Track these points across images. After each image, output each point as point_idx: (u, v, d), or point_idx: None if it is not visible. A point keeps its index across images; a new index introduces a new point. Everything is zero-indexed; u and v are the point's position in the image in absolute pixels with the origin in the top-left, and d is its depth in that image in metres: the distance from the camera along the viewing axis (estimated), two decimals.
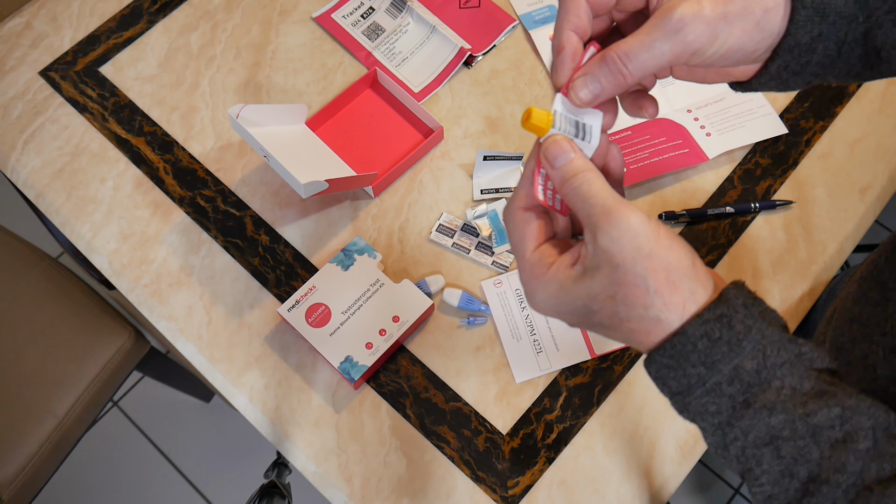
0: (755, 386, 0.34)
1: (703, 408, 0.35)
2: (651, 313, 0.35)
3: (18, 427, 0.92)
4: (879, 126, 0.77)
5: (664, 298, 0.34)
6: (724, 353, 0.34)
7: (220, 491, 1.41)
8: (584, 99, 0.37)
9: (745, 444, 0.35)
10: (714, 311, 0.34)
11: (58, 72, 0.79)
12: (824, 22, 0.37)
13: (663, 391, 0.37)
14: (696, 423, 0.37)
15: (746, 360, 0.34)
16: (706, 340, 0.34)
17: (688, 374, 0.35)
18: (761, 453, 0.34)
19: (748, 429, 0.34)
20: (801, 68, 0.39)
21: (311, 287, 0.66)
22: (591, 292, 0.36)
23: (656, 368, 0.36)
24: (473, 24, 0.82)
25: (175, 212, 0.73)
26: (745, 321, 0.34)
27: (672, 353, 0.35)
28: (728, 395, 0.35)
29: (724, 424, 0.35)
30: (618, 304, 0.35)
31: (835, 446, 0.33)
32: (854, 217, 0.73)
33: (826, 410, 0.34)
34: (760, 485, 0.35)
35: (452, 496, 0.62)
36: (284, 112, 0.70)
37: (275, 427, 0.65)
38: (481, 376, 0.66)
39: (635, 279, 0.34)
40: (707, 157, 0.73)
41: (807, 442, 0.33)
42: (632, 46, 0.36)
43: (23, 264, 0.99)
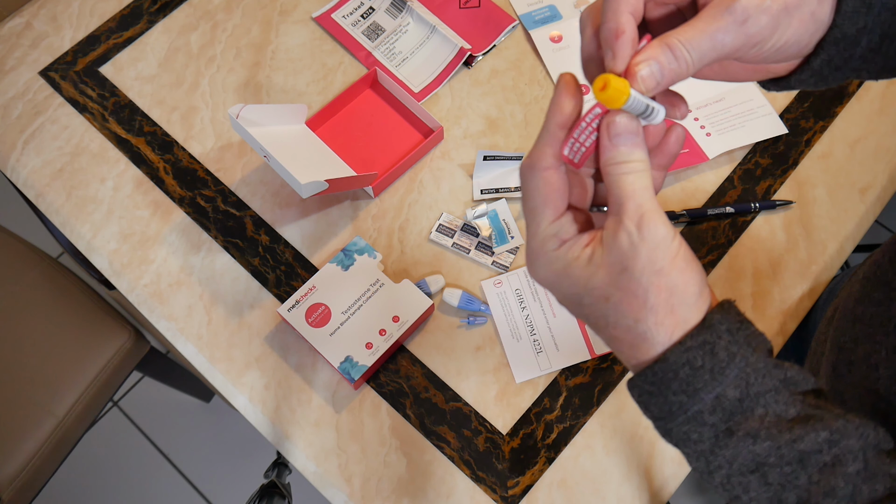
0: (738, 414, 0.33)
1: (685, 435, 0.35)
2: (640, 328, 0.34)
3: (18, 427, 0.92)
4: (879, 126, 0.77)
5: (657, 317, 0.34)
6: (707, 381, 0.33)
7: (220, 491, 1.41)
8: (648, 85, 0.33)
9: (731, 472, 0.34)
10: (697, 337, 0.33)
11: (58, 72, 0.79)
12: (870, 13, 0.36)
13: (646, 414, 0.36)
14: (679, 449, 0.36)
15: (729, 389, 0.33)
16: (688, 368, 0.33)
17: (669, 402, 0.34)
18: (748, 480, 0.34)
19: (732, 457, 0.34)
20: (843, 63, 0.37)
21: (311, 287, 0.66)
22: (588, 284, 0.35)
23: (638, 392, 0.36)
24: (473, 24, 0.82)
25: (175, 212, 0.73)
26: (729, 348, 0.34)
27: (653, 379, 0.34)
28: (710, 423, 0.34)
29: (707, 453, 0.34)
30: (609, 308, 0.34)
31: (823, 470, 0.33)
32: (854, 217, 0.73)
33: (813, 435, 0.33)
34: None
35: (452, 496, 0.62)
36: (284, 112, 0.70)
37: (275, 427, 0.65)
38: (481, 376, 0.66)
39: (637, 289, 0.33)
40: (707, 157, 0.73)
41: (794, 468, 0.33)
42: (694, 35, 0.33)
43: (23, 264, 0.99)
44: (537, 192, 0.36)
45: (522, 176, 0.37)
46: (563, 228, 0.36)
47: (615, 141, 0.34)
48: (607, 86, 0.33)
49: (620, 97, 0.33)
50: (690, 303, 0.34)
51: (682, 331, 0.34)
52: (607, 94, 0.33)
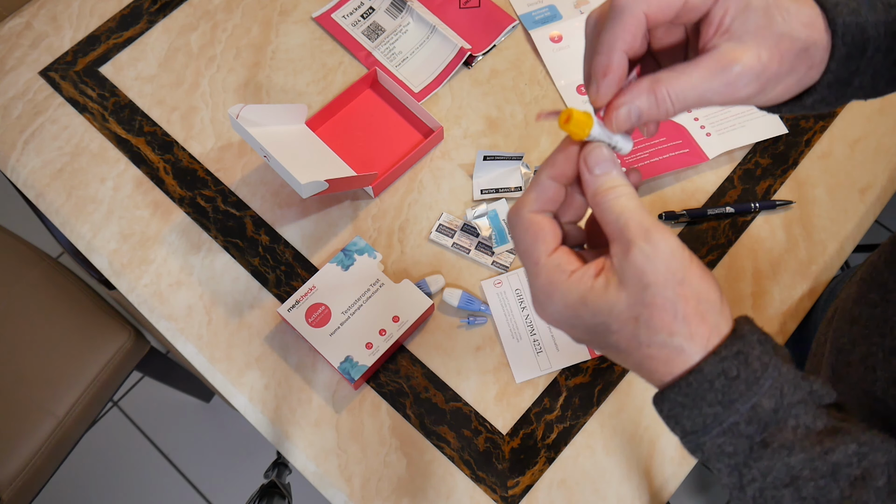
0: (772, 425, 0.33)
1: (720, 448, 0.34)
2: (675, 341, 0.33)
3: (18, 427, 0.92)
4: (879, 126, 0.77)
5: (691, 328, 0.33)
6: (742, 391, 0.33)
7: (220, 491, 1.41)
8: (622, 126, 0.35)
9: (764, 486, 0.34)
10: (731, 347, 0.33)
11: (58, 72, 0.79)
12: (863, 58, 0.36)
13: (675, 430, 0.36)
14: (709, 464, 0.36)
15: (765, 399, 0.33)
16: (723, 379, 0.33)
17: (704, 414, 0.34)
18: (781, 494, 0.33)
19: (767, 470, 0.33)
20: (835, 100, 0.38)
21: (311, 287, 0.66)
22: (614, 309, 0.34)
23: (669, 406, 0.35)
24: (473, 24, 0.82)
25: (175, 212, 0.73)
26: (762, 358, 0.33)
27: (687, 391, 0.33)
28: (746, 435, 0.33)
29: (741, 465, 0.34)
30: (640, 327, 0.33)
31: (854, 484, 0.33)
32: (854, 217, 0.73)
33: (843, 448, 0.33)
34: None
35: (452, 496, 0.62)
36: (284, 112, 0.70)
37: (275, 427, 0.65)
38: (481, 376, 0.66)
39: (664, 303, 0.33)
40: (707, 157, 0.73)
41: (827, 481, 0.33)
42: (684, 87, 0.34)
43: (23, 264, 0.99)
44: (526, 234, 0.37)
45: (510, 223, 0.38)
46: (563, 259, 0.36)
47: (595, 171, 0.35)
48: (570, 119, 0.35)
49: (583, 131, 0.35)
50: (717, 309, 0.34)
51: (717, 338, 0.34)
52: (569, 127, 0.35)
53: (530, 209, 0.37)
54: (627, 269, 0.33)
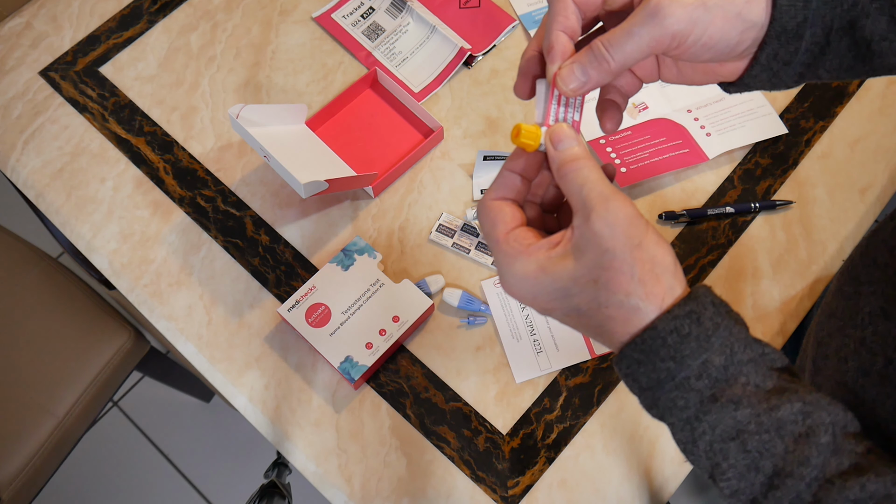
0: (722, 381, 0.35)
1: (672, 402, 0.36)
2: (632, 301, 0.35)
3: (18, 427, 0.92)
4: (879, 126, 0.77)
5: (646, 288, 0.35)
6: (693, 348, 0.35)
7: (220, 491, 1.41)
8: (571, 87, 0.38)
9: (713, 439, 0.35)
10: (684, 307, 0.35)
11: (58, 72, 0.79)
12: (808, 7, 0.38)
13: (633, 388, 0.38)
14: (664, 421, 0.37)
15: (714, 356, 0.35)
16: (676, 336, 0.35)
17: (657, 369, 0.36)
18: (728, 447, 0.35)
19: (715, 423, 0.35)
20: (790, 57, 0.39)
21: (311, 287, 0.66)
22: (574, 274, 0.36)
23: (626, 364, 0.37)
24: (473, 24, 0.82)
25: (175, 212, 0.73)
26: (714, 318, 0.35)
27: (642, 347, 0.36)
28: (696, 389, 0.35)
29: (692, 419, 0.36)
30: (599, 289, 0.35)
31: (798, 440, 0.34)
32: (854, 217, 0.73)
33: (789, 405, 0.34)
34: (727, 479, 0.35)
35: (452, 496, 0.62)
36: (284, 112, 0.70)
37: (275, 427, 0.65)
38: (481, 376, 0.66)
39: (622, 265, 0.35)
40: (707, 157, 0.73)
41: (771, 436, 0.34)
42: (614, 34, 0.37)
43: (23, 264, 0.99)
44: (487, 217, 0.40)
45: (478, 213, 0.41)
46: (521, 235, 0.39)
47: (559, 146, 0.38)
48: (520, 134, 0.38)
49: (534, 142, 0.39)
50: (671, 272, 0.36)
51: (671, 298, 0.36)
52: (520, 140, 0.39)
53: (491, 197, 0.40)
54: (588, 235, 0.35)
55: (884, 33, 0.38)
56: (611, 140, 0.75)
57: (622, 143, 0.74)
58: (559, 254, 0.37)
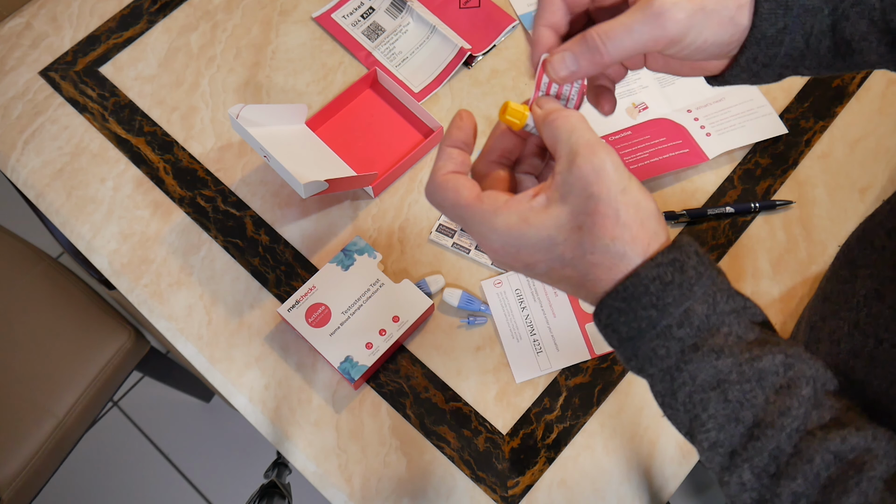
0: (704, 330, 0.35)
1: (653, 352, 0.36)
2: (617, 246, 0.35)
3: (18, 427, 0.92)
4: (879, 126, 0.77)
5: (632, 232, 0.35)
6: (676, 296, 0.34)
7: (220, 491, 1.41)
8: (561, 75, 0.38)
9: (693, 389, 0.35)
10: (667, 255, 0.35)
11: (58, 72, 0.79)
12: (788, 15, 0.38)
13: (612, 339, 0.37)
14: (643, 374, 0.37)
15: (697, 305, 0.35)
16: (658, 283, 0.34)
17: (639, 318, 0.35)
18: (708, 397, 0.35)
19: (696, 372, 0.35)
20: (769, 60, 0.40)
21: (311, 287, 0.66)
22: (557, 221, 0.35)
23: (607, 313, 0.36)
24: (473, 24, 0.82)
25: (175, 212, 0.73)
26: (697, 267, 0.35)
27: (624, 295, 0.35)
28: (678, 338, 0.35)
29: (672, 369, 0.35)
30: (584, 235, 0.35)
31: (779, 391, 0.34)
32: (854, 217, 0.73)
33: (770, 357, 0.34)
34: (706, 430, 0.35)
35: (452, 496, 0.62)
36: (284, 112, 0.70)
37: (275, 427, 0.65)
38: (481, 376, 0.66)
39: (607, 210, 0.34)
40: (707, 157, 0.73)
41: (752, 386, 0.34)
42: (612, 27, 0.37)
43: (23, 264, 0.99)
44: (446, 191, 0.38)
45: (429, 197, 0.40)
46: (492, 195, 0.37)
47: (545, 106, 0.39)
48: (506, 110, 0.39)
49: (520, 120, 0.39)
50: (655, 217, 0.36)
51: (656, 244, 0.35)
52: (506, 117, 0.39)
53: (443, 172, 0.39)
54: (572, 180, 0.35)
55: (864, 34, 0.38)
56: (611, 140, 0.75)
57: (622, 143, 0.74)
58: (541, 203, 0.36)
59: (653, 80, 0.78)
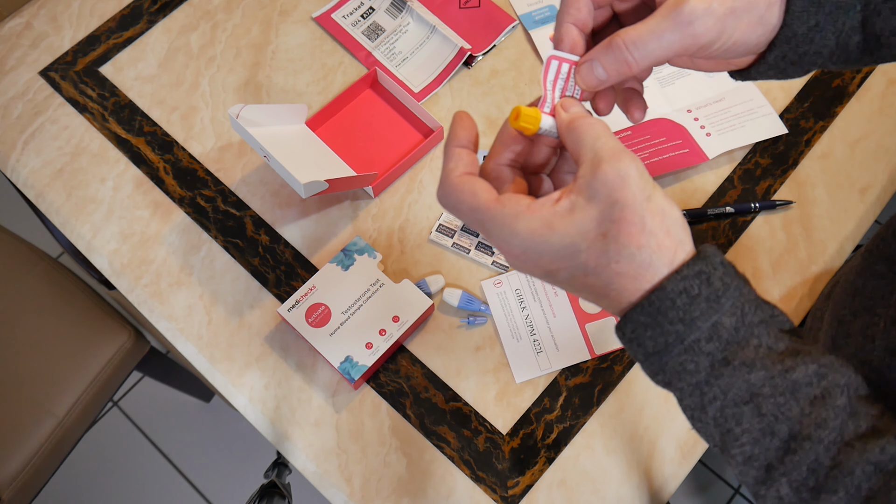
0: (734, 343, 0.34)
1: (681, 367, 0.35)
2: (643, 254, 0.34)
3: (18, 427, 0.92)
4: (879, 126, 0.77)
5: (658, 240, 0.34)
6: (704, 309, 0.34)
7: (220, 491, 1.41)
8: (591, 84, 0.37)
9: (725, 404, 0.34)
10: (693, 267, 0.34)
11: (58, 72, 0.79)
12: (820, 12, 0.37)
13: (637, 354, 0.36)
14: (670, 388, 0.36)
15: (725, 318, 0.34)
16: (685, 297, 0.34)
17: (665, 332, 0.34)
18: (741, 412, 0.34)
19: (727, 387, 0.34)
20: (798, 58, 0.39)
21: (311, 287, 0.66)
22: (581, 227, 0.34)
23: (632, 328, 0.35)
24: (473, 24, 0.82)
25: (175, 212, 0.73)
26: (724, 279, 0.34)
27: (650, 310, 0.34)
28: (706, 352, 0.34)
29: (702, 384, 0.35)
30: (609, 243, 0.34)
31: (814, 403, 0.33)
32: (854, 217, 0.73)
33: (804, 367, 0.33)
34: (741, 445, 0.34)
35: (452, 496, 0.62)
36: (284, 112, 0.70)
37: (275, 427, 0.65)
38: (481, 376, 0.66)
39: (633, 217, 0.33)
40: (707, 157, 0.73)
41: (787, 398, 0.33)
42: (640, 35, 0.36)
43: (23, 264, 0.99)
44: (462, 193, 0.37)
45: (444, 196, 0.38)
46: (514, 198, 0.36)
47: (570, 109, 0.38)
48: (518, 116, 0.37)
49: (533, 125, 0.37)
50: (681, 225, 0.35)
51: (683, 253, 0.34)
52: (519, 123, 0.37)
53: (457, 174, 0.38)
54: (597, 187, 0.34)
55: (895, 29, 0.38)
56: None
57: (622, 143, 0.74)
58: (565, 207, 0.35)
59: (653, 80, 0.78)
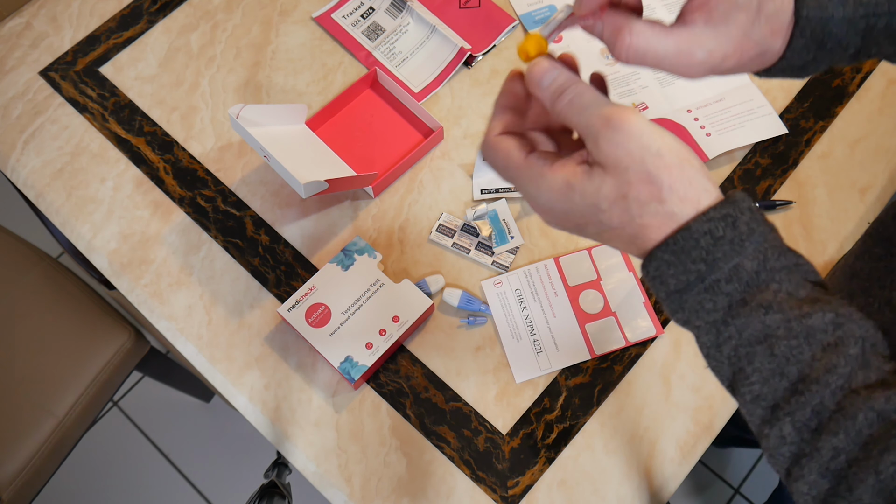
0: (753, 286, 0.35)
1: (700, 305, 0.35)
2: (666, 207, 0.34)
3: (18, 427, 0.92)
4: (879, 126, 0.77)
5: (679, 193, 0.34)
6: (726, 251, 0.34)
7: (220, 491, 1.41)
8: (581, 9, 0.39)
9: (740, 343, 0.35)
10: (720, 210, 0.34)
11: (58, 72, 0.79)
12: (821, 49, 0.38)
13: (659, 292, 0.37)
14: (688, 326, 0.37)
15: (747, 261, 0.34)
16: (709, 238, 0.34)
17: (687, 271, 0.35)
18: (754, 351, 0.35)
19: (743, 326, 0.35)
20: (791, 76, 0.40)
21: (311, 287, 0.66)
22: (600, 190, 0.35)
23: (656, 265, 0.36)
24: (473, 24, 0.82)
25: (175, 212, 0.73)
26: (750, 224, 0.34)
27: (674, 248, 0.35)
28: (726, 293, 0.35)
29: (719, 322, 0.35)
30: (630, 203, 0.35)
31: (826, 349, 0.34)
32: (854, 217, 0.73)
33: (821, 314, 0.34)
34: (750, 384, 0.35)
35: (452, 496, 0.62)
36: (284, 112, 0.70)
37: (275, 427, 0.65)
38: (481, 376, 0.66)
39: (647, 177, 0.34)
40: (707, 157, 0.73)
41: (800, 342, 0.34)
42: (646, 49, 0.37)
43: (23, 264, 0.99)
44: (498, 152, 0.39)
45: (484, 153, 0.40)
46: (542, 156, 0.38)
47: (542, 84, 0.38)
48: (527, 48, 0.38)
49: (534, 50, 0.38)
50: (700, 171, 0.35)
51: (707, 199, 0.35)
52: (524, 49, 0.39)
53: (495, 133, 0.40)
54: (606, 152, 0.35)
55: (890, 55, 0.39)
56: None
57: None
58: (584, 171, 0.36)
59: (653, 80, 0.78)
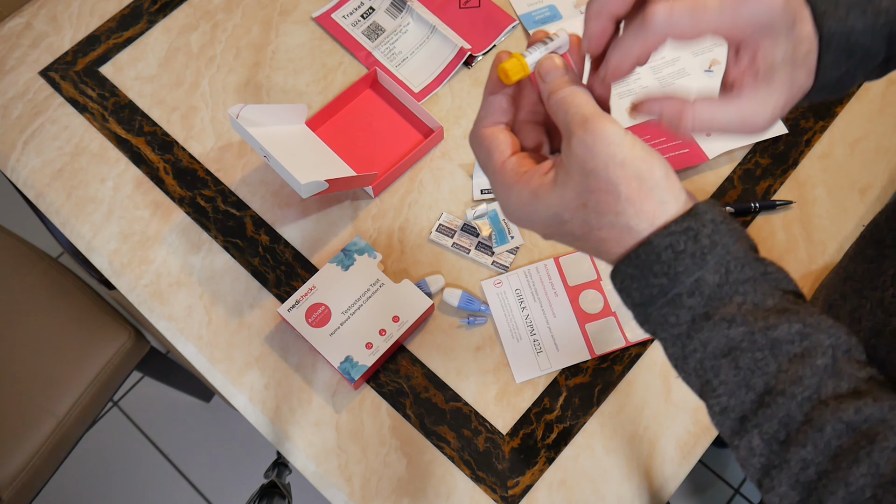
0: (716, 300, 0.35)
1: (663, 319, 0.36)
2: (622, 220, 0.35)
3: (18, 427, 0.92)
4: (879, 126, 0.77)
5: (635, 206, 0.35)
6: (688, 265, 0.34)
7: (220, 491, 1.41)
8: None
9: (704, 356, 0.35)
10: (681, 223, 0.35)
11: (58, 72, 0.79)
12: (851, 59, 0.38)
13: (626, 303, 0.37)
14: (656, 337, 0.37)
15: (709, 274, 0.35)
16: (670, 251, 0.34)
17: (650, 285, 0.35)
18: (719, 364, 0.35)
19: (707, 340, 0.35)
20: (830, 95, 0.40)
21: (311, 287, 0.66)
22: (562, 200, 0.36)
23: (620, 279, 0.36)
24: (473, 24, 0.82)
25: (175, 212, 0.73)
26: (712, 236, 0.35)
27: (636, 262, 0.35)
28: (688, 306, 0.35)
29: (683, 336, 0.36)
30: (589, 212, 0.35)
31: (793, 360, 0.34)
32: (854, 217, 0.73)
33: (787, 325, 0.34)
34: (717, 396, 0.35)
35: (452, 496, 0.62)
36: (284, 112, 0.70)
37: (275, 427, 0.65)
38: (481, 376, 0.66)
39: (607, 185, 0.34)
40: (707, 157, 0.73)
41: (765, 354, 0.34)
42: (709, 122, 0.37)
43: (23, 264, 0.99)
44: (481, 147, 0.40)
45: (471, 145, 0.41)
46: (517, 163, 0.38)
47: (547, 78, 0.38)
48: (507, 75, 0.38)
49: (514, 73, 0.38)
50: (662, 186, 0.35)
51: (663, 213, 0.35)
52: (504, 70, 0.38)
53: (483, 125, 0.40)
54: (570, 159, 0.35)
55: None
56: None
57: None
58: (550, 179, 0.36)
59: (653, 80, 0.78)
